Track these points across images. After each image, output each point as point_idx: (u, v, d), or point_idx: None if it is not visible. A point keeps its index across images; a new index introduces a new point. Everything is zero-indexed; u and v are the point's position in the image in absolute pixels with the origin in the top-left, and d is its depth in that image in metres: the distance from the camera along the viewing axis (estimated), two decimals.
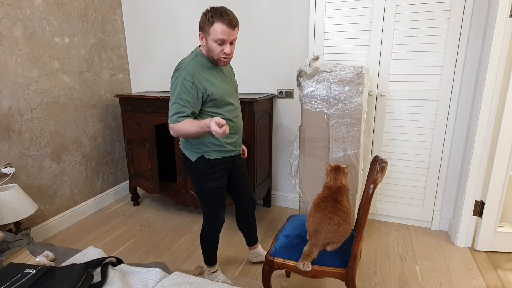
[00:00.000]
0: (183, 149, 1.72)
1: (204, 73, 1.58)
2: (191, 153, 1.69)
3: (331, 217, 1.50)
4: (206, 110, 1.62)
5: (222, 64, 1.59)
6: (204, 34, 1.53)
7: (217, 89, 1.60)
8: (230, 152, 1.74)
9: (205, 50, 1.58)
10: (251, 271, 2.10)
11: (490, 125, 2.11)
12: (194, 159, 1.68)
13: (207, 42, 1.53)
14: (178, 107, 1.54)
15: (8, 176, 2.22)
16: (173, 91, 1.55)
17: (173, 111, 1.55)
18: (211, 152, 1.67)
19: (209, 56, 1.58)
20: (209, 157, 1.67)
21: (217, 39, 1.49)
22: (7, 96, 2.19)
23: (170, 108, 1.56)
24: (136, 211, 2.98)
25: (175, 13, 2.94)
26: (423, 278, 2.02)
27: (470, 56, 2.22)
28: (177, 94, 1.53)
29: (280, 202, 3.03)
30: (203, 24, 1.51)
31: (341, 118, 2.03)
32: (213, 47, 1.52)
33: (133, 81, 3.30)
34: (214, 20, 1.46)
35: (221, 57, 1.55)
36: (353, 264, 1.47)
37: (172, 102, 1.55)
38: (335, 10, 2.43)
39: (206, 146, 1.66)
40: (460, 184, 2.40)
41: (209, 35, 1.50)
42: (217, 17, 1.46)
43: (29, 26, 2.30)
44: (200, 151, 1.67)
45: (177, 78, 1.54)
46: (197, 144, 1.66)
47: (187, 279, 1.35)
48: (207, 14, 1.49)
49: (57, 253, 1.61)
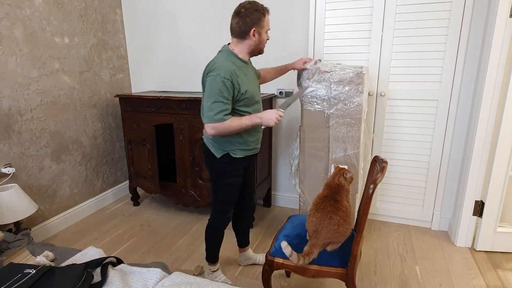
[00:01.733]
0: (208, 144, 1.74)
1: (239, 71, 1.61)
2: (216, 150, 1.71)
3: (331, 217, 1.50)
4: (237, 108, 1.65)
5: (263, 50, 1.70)
6: (258, 29, 1.59)
7: (250, 88, 1.65)
8: (253, 151, 1.79)
9: (248, 46, 1.63)
10: (251, 271, 2.10)
11: (490, 125, 2.11)
12: (219, 155, 1.70)
13: (261, 36, 1.62)
14: (222, 105, 1.55)
15: (8, 176, 2.22)
16: (213, 90, 1.54)
17: (217, 109, 1.54)
18: (237, 151, 1.70)
19: (255, 50, 1.66)
20: (234, 155, 1.70)
21: (268, 29, 1.64)
22: (7, 96, 2.19)
23: (210, 107, 1.55)
24: (136, 211, 2.98)
25: (175, 13, 2.94)
26: (423, 278, 2.02)
27: (470, 56, 2.23)
28: (219, 92, 1.53)
29: (280, 202, 3.03)
30: (258, 19, 1.57)
31: (341, 118, 2.03)
32: (264, 38, 1.65)
33: (133, 81, 3.30)
34: (265, 12, 1.60)
35: (265, 45, 1.69)
36: (353, 264, 1.47)
37: (213, 101, 1.54)
38: (335, 10, 2.43)
39: (233, 145, 1.69)
40: (460, 184, 2.40)
41: (263, 28, 1.61)
42: (265, 9, 1.60)
43: (29, 26, 2.30)
44: (226, 149, 1.70)
45: (216, 77, 1.53)
46: (224, 142, 1.68)
47: (187, 279, 1.35)
48: (258, 9, 1.57)
49: (57, 253, 1.61)
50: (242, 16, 1.57)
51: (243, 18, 1.56)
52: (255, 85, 1.74)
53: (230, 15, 2.79)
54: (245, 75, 1.64)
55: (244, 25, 1.57)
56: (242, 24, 1.57)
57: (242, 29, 1.58)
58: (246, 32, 1.58)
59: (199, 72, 3.00)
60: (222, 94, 1.53)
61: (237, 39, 1.63)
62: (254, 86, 1.71)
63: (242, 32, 1.59)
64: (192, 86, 3.06)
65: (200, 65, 2.97)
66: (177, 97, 2.54)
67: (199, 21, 2.87)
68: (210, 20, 2.84)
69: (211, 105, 1.55)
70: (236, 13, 1.60)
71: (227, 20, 2.77)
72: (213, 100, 1.55)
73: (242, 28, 1.58)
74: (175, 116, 2.61)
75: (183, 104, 2.55)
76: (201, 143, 2.59)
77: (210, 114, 1.56)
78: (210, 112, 1.56)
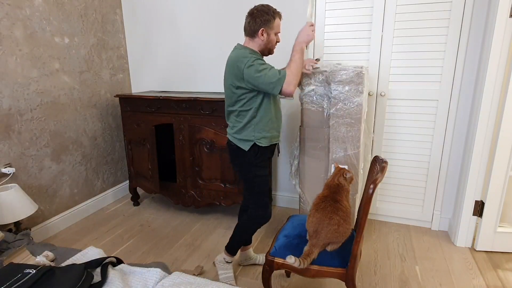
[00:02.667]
0: (234, 140, 1.81)
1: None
2: (244, 143, 1.78)
3: (331, 217, 1.50)
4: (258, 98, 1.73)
5: (273, 51, 1.81)
6: (267, 29, 1.70)
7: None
8: (275, 139, 1.87)
9: (258, 45, 1.74)
10: (251, 271, 2.10)
11: (490, 125, 2.11)
12: (248, 148, 1.77)
13: (269, 36, 1.72)
14: (273, 68, 1.65)
15: (8, 176, 2.22)
16: (257, 68, 1.61)
17: (274, 71, 1.63)
18: (261, 140, 1.78)
19: (264, 49, 1.76)
20: (259, 145, 1.78)
21: (277, 31, 1.75)
22: (7, 96, 2.19)
23: (269, 76, 1.61)
24: (136, 211, 2.98)
25: (175, 13, 2.94)
26: (423, 278, 2.02)
27: (470, 56, 2.22)
28: (262, 65, 1.63)
29: (280, 202, 3.03)
30: (267, 21, 1.69)
31: (341, 118, 2.03)
32: (273, 39, 1.75)
33: (133, 81, 3.30)
34: (275, 15, 1.71)
35: (275, 46, 1.79)
36: (353, 264, 1.47)
37: (265, 73, 1.61)
38: (335, 10, 2.43)
39: (257, 132, 1.76)
40: (460, 184, 2.40)
41: (272, 29, 1.72)
42: (276, 13, 1.72)
43: (29, 26, 2.30)
44: (252, 139, 1.77)
45: (255, 60, 1.64)
46: (248, 132, 1.76)
47: (187, 279, 1.35)
48: (268, 12, 1.69)
49: (57, 253, 1.61)
50: (253, 17, 1.70)
51: (254, 18, 1.69)
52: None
53: (230, 15, 2.81)
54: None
55: (254, 25, 1.69)
56: (252, 24, 1.70)
57: (252, 28, 1.70)
58: (255, 31, 1.70)
59: (199, 72, 3.00)
60: (264, 63, 1.66)
61: (249, 38, 1.75)
62: None
63: (252, 31, 1.71)
64: (192, 86, 3.06)
65: (200, 65, 2.97)
66: (177, 97, 2.54)
67: (199, 21, 2.87)
68: (210, 20, 2.84)
69: (267, 74, 1.62)
70: (249, 14, 1.72)
71: (227, 20, 2.77)
72: (265, 73, 1.62)
73: (252, 27, 1.70)
74: (175, 116, 2.61)
75: (183, 104, 2.55)
76: (201, 143, 2.59)
77: (275, 80, 1.61)
78: (273, 79, 1.61)
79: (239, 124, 1.77)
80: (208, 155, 2.59)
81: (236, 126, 1.78)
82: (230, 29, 2.78)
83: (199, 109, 2.52)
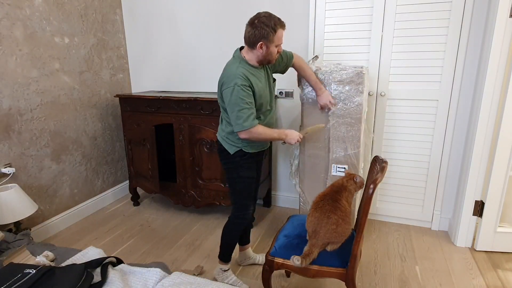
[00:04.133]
0: (222, 141, 1.80)
1: (251, 77, 1.65)
2: (230, 147, 1.78)
3: (329, 216, 1.50)
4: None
5: (273, 61, 1.71)
6: (266, 43, 1.59)
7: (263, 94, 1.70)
8: (264, 146, 1.88)
9: (256, 56, 1.65)
10: (251, 271, 2.10)
11: (490, 125, 2.11)
12: (233, 152, 1.77)
13: (268, 49, 1.62)
14: (247, 111, 1.60)
15: (8, 176, 2.22)
16: (235, 100, 1.58)
17: (244, 116, 1.60)
18: (248, 147, 1.77)
19: (263, 60, 1.67)
20: (246, 151, 1.78)
21: (279, 43, 1.63)
22: (7, 96, 2.19)
23: (237, 115, 1.60)
24: (136, 211, 2.98)
25: (175, 13, 2.94)
26: (423, 278, 2.02)
27: (470, 56, 2.22)
28: (241, 100, 1.58)
29: (280, 202, 3.03)
30: (267, 34, 1.57)
31: (341, 117, 2.03)
32: (273, 51, 1.64)
33: (133, 81, 3.30)
34: (277, 27, 1.58)
35: (275, 57, 1.69)
36: (353, 264, 1.47)
37: (238, 109, 1.59)
38: (335, 10, 2.43)
39: (245, 142, 1.76)
40: (460, 184, 2.40)
41: (272, 42, 1.60)
42: (278, 24, 1.58)
43: (29, 26, 2.30)
44: (239, 146, 1.76)
45: (234, 87, 1.58)
46: (236, 139, 1.75)
47: (187, 279, 1.36)
48: (269, 24, 1.56)
49: (57, 253, 1.61)
50: (253, 27, 1.59)
51: (254, 29, 1.59)
52: (267, 88, 1.76)
53: (230, 15, 2.81)
54: (259, 80, 1.70)
55: (253, 37, 1.60)
56: (251, 35, 1.61)
57: (251, 40, 1.62)
58: (254, 43, 1.62)
59: (199, 72, 3.00)
60: (244, 100, 1.59)
61: (248, 48, 1.67)
62: (266, 91, 1.74)
63: (251, 43, 1.63)
64: (192, 86, 3.07)
65: (200, 65, 2.97)
66: (177, 97, 2.54)
67: (199, 21, 2.87)
68: (210, 20, 2.84)
69: (237, 113, 1.60)
70: (250, 23, 1.62)
71: (227, 20, 2.77)
72: (237, 109, 1.59)
73: (251, 39, 1.61)
74: (175, 116, 2.61)
75: (183, 104, 2.55)
76: (201, 143, 2.59)
77: (240, 122, 1.61)
78: (239, 120, 1.61)
79: (227, 129, 1.75)
80: (208, 155, 2.59)
81: (225, 130, 1.77)
82: (230, 29, 2.78)
83: (199, 109, 2.52)
